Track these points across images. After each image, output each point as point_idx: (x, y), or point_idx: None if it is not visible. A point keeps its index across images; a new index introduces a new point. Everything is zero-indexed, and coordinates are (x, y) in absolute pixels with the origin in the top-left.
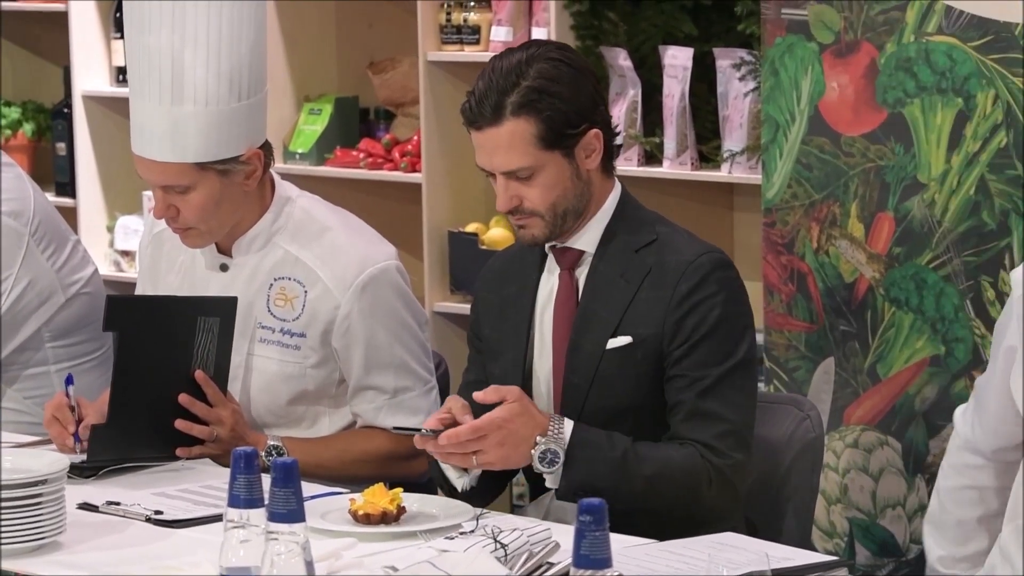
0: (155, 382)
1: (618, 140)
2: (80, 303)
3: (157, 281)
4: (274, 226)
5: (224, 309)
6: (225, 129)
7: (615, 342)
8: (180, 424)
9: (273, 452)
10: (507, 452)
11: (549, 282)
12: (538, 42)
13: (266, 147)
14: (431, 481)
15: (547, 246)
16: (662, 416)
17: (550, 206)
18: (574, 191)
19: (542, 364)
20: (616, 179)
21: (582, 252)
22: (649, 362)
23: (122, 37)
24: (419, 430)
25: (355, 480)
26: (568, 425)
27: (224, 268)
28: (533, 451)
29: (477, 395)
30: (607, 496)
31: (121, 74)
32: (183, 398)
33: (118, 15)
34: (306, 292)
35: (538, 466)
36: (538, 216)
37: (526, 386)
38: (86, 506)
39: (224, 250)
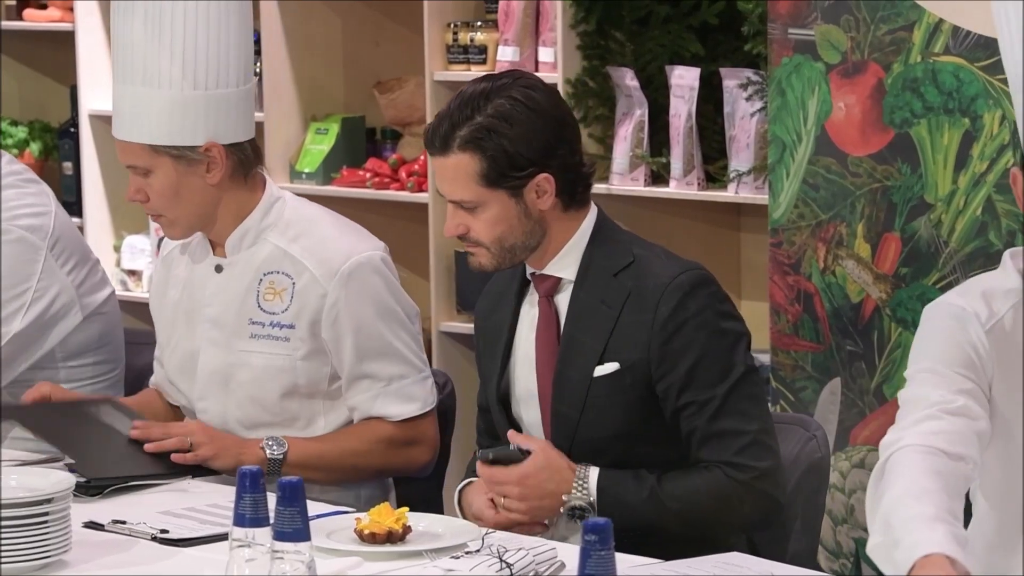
0: (108, 443)
1: (623, 165)
2: (95, 323)
3: (163, 300)
4: (263, 222)
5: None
6: (179, 116)
7: (602, 369)
8: (150, 448)
9: (272, 444)
10: (532, 505)
11: (531, 310)
12: (513, 74)
13: (245, 147)
14: (437, 494)
15: (528, 273)
16: (653, 442)
17: (495, 239)
18: (522, 228)
19: (524, 392)
20: (592, 204)
21: (560, 279)
22: (638, 388)
23: None
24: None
25: (356, 473)
26: (593, 475)
27: (219, 269)
28: (562, 509)
29: (510, 434)
30: (642, 534)
31: None
32: (135, 434)
33: None
34: (294, 284)
35: (567, 519)
36: (484, 247)
37: (503, 415)
38: (92, 525)
39: (219, 251)
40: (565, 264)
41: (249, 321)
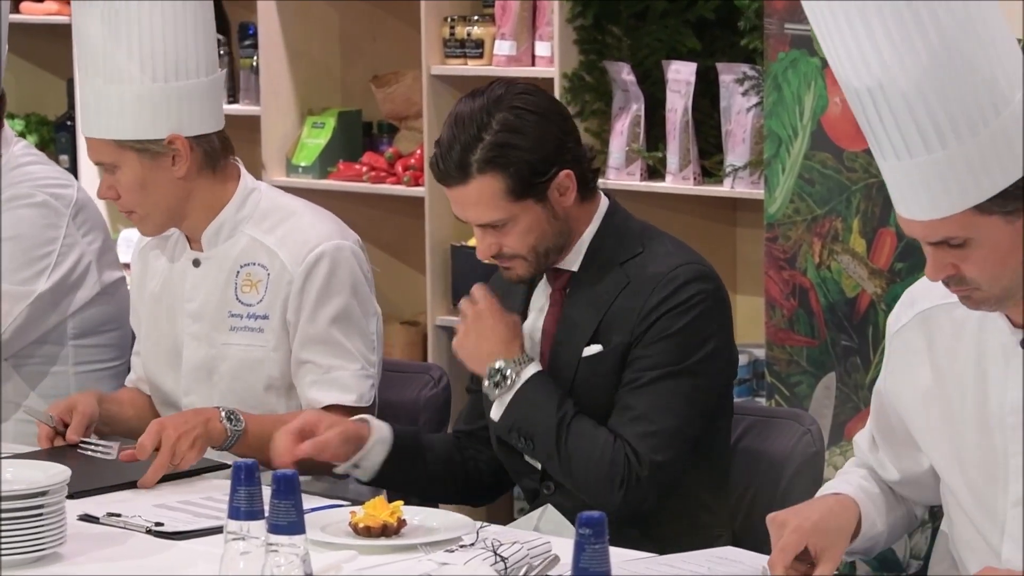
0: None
1: (620, 159)
2: (106, 303)
3: (143, 291)
4: (239, 214)
5: None
6: (140, 110)
7: (589, 350)
8: (146, 482)
9: (232, 416)
10: (473, 343)
11: (540, 299)
12: (502, 82)
13: (211, 138)
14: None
15: None
16: None
17: (530, 249)
18: (552, 231)
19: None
20: (601, 194)
21: (574, 272)
22: (619, 371)
23: None
24: None
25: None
26: (532, 368)
27: (197, 264)
28: (489, 363)
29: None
30: (537, 445)
31: None
32: (125, 456)
33: None
34: (269, 274)
35: (485, 382)
36: (520, 258)
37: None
38: (87, 517)
39: (196, 246)
40: (576, 257)
41: (228, 314)
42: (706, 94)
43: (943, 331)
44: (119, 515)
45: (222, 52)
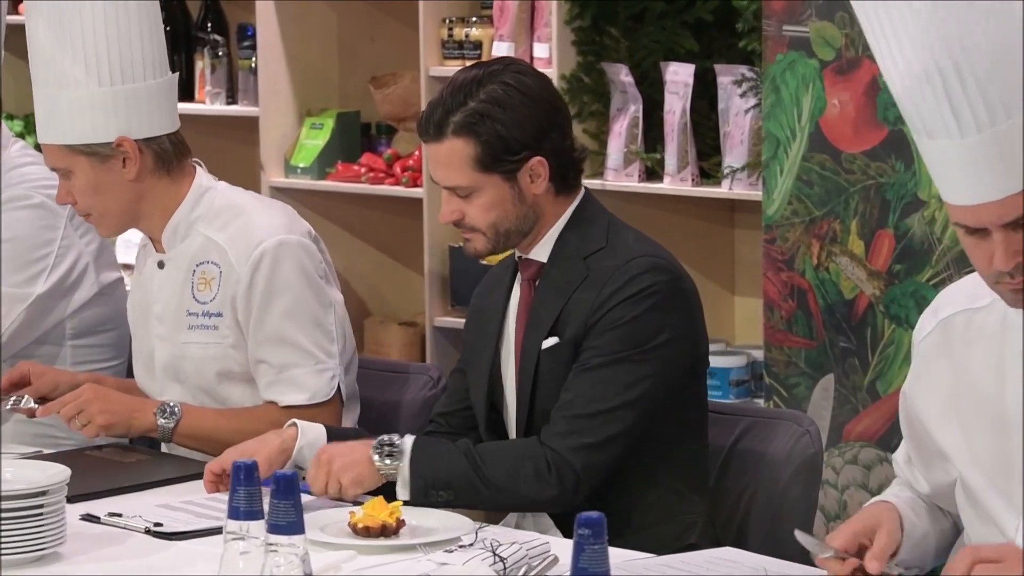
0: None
1: (618, 161)
2: (104, 303)
3: (132, 301)
4: (193, 214)
5: None
6: (87, 114)
7: (547, 343)
8: (41, 412)
9: (166, 410)
10: (343, 469)
11: (518, 291)
12: (504, 60)
13: (162, 140)
14: None
15: (517, 257)
16: None
17: (490, 225)
18: (516, 213)
19: (508, 369)
20: (582, 187)
21: (543, 264)
22: (573, 363)
23: None
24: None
25: None
26: (407, 435)
27: (161, 265)
28: (368, 452)
29: None
30: (457, 487)
31: None
32: (40, 412)
33: None
34: (220, 272)
35: (379, 461)
36: (479, 232)
37: (494, 391)
38: (87, 517)
39: (160, 247)
40: (545, 249)
41: (187, 312)
42: (704, 96)
43: (965, 335)
44: (120, 515)
45: (220, 53)
